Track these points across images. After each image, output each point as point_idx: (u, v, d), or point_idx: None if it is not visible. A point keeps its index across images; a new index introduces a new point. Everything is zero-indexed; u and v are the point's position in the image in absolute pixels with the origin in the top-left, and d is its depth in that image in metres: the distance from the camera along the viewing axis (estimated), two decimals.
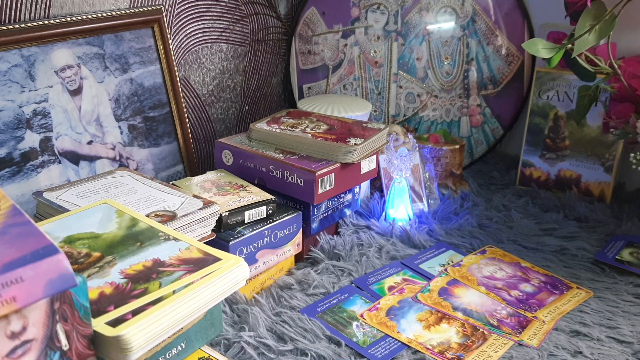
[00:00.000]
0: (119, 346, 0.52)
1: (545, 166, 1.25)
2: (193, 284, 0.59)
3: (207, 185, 0.96)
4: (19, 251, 0.44)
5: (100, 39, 1.02)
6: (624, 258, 1.00)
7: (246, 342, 0.77)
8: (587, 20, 0.97)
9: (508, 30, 1.30)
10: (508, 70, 1.32)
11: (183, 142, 1.14)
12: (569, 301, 0.90)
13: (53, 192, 0.84)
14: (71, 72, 0.98)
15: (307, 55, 1.39)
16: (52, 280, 0.44)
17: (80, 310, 0.51)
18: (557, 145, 1.23)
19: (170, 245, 0.66)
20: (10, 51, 0.91)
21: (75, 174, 0.99)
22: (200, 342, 0.65)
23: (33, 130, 0.93)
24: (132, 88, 1.07)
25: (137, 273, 0.61)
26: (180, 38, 1.17)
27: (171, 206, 0.82)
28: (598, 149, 1.20)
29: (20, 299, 0.43)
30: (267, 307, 0.85)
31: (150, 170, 1.09)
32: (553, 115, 1.23)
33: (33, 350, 0.47)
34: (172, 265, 0.63)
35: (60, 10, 0.97)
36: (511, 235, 1.09)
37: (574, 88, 1.19)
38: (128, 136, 1.06)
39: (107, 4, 1.04)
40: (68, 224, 0.70)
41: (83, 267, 0.62)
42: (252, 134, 1.05)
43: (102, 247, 0.65)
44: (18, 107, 0.92)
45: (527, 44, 1.01)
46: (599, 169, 1.20)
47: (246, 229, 0.88)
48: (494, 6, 1.30)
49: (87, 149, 1.01)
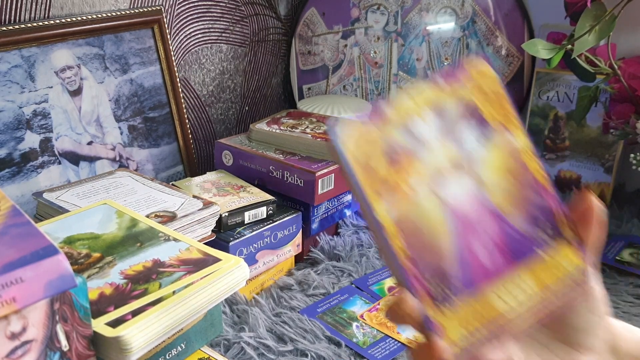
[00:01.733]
0: (119, 347, 0.52)
1: (546, 167, 1.24)
2: (193, 284, 0.59)
3: (207, 185, 0.96)
4: (19, 252, 0.44)
5: (100, 40, 1.02)
6: (624, 259, 1.00)
7: (246, 342, 0.77)
8: (587, 21, 0.97)
9: (508, 30, 1.30)
10: (508, 71, 1.32)
11: (183, 143, 1.14)
12: None
13: (53, 193, 0.84)
14: (71, 73, 0.98)
15: (307, 56, 1.39)
16: (52, 281, 0.44)
17: (80, 310, 0.51)
18: (557, 145, 1.23)
19: (170, 245, 0.66)
20: (10, 52, 0.91)
21: (75, 175, 0.99)
22: (200, 342, 0.65)
23: (33, 130, 0.93)
24: (132, 89, 1.07)
25: (137, 274, 0.61)
26: (181, 39, 1.17)
27: (171, 207, 0.82)
28: (598, 150, 1.19)
29: (20, 300, 0.43)
30: (267, 307, 0.85)
31: (150, 170, 1.09)
32: (553, 115, 1.23)
33: (33, 351, 0.47)
34: (172, 265, 0.63)
35: (60, 11, 0.97)
36: None
37: (574, 89, 1.19)
38: (128, 137, 1.06)
39: (107, 5, 1.04)
40: (68, 224, 0.70)
41: (83, 268, 0.62)
42: (252, 135, 1.05)
43: (102, 248, 0.65)
44: (18, 107, 0.92)
45: (527, 45, 1.01)
46: (599, 169, 1.20)
47: (246, 230, 0.88)
48: (494, 7, 1.30)
49: (87, 150, 1.01)
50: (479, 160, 0.42)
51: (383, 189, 0.40)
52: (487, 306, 0.41)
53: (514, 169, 0.43)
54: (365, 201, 0.40)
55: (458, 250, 0.41)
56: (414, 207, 0.40)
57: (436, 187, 0.41)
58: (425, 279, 0.40)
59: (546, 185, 0.44)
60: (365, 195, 0.39)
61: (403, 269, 0.39)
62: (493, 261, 0.41)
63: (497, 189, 0.43)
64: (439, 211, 0.41)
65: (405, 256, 0.40)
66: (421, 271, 0.40)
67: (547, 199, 0.43)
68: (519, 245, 0.42)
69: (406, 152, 0.41)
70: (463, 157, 0.42)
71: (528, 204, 0.43)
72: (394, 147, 0.40)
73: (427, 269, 0.40)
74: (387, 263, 0.41)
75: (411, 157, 0.41)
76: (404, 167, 0.40)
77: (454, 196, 0.42)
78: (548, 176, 0.44)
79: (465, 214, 0.42)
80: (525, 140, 0.44)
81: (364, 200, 0.40)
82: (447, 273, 0.40)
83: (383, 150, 0.40)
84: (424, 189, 0.41)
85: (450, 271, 0.40)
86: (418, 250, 0.40)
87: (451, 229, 0.41)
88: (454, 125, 0.42)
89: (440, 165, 0.41)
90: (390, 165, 0.40)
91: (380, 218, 0.40)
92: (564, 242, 0.43)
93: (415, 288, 0.39)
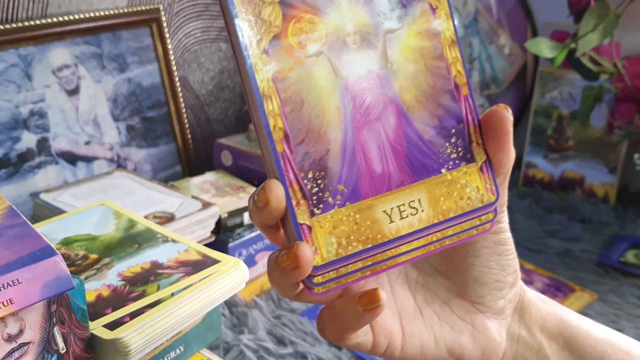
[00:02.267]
0: (116, 349, 0.52)
1: (549, 167, 1.24)
2: (192, 286, 0.59)
3: (206, 186, 0.95)
4: (16, 253, 0.44)
5: (98, 38, 1.01)
6: (628, 260, 0.99)
7: (245, 345, 0.77)
8: (590, 20, 0.96)
9: (511, 29, 1.30)
10: (511, 70, 1.31)
11: (182, 143, 1.13)
12: (573, 304, 0.90)
13: (50, 194, 0.83)
14: (68, 72, 0.98)
15: None
16: (49, 283, 0.44)
17: (78, 312, 0.50)
18: (560, 145, 1.23)
19: (168, 247, 0.66)
20: (7, 51, 0.90)
21: (73, 175, 0.98)
22: (199, 345, 0.64)
23: (30, 130, 0.93)
24: (130, 88, 1.06)
25: (135, 275, 0.61)
26: (179, 37, 1.17)
27: (169, 207, 0.81)
28: (602, 150, 1.19)
29: (17, 302, 0.43)
30: (267, 309, 0.85)
31: (148, 171, 1.08)
32: (556, 115, 1.22)
33: (30, 353, 0.46)
34: (171, 267, 0.62)
35: (58, 9, 0.97)
36: (514, 237, 1.07)
37: (578, 88, 1.18)
38: (126, 136, 1.05)
39: (104, 3, 1.03)
40: (65, 225, 0.70)
41: (80, 270, 0.61)
42: (251, 135, 1.05)
43: (99, 249, 0.65)
44: (15, 107, 0.91)
45: (531, 44, 1.01)
46: (603, 169, 1.19)
47: (246, 231, 0.88)
48: (497, 5, 1.29)
49: (84, 150, 1.00)
50: (389, 35, 0.35)
51: (266, 38, 0.32)
52: (369, 219, 0.34)
53: (429, 57, 0.36)
54: (243, 48, 0.32)
55: (347, 144, 0.33)
56: (302, 72, 0.33)
57: (334, 56, 0.33)
58: (302, 169, 0.32)
59: (463, 86, 0.36)
60: (243, 42, 0.32)
61: (275, 151, 0.32)
62: (387, 169, 0.34)
63: (406, 80, 0.35)
64: (331, 85, 0.33)
65: (281, 133, 0.32)
66: (298, 159, 0.32)
67: (462, 105, 0.36)
68: (422, 157, 0.35)
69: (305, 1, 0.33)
70: (372, 26, 0.34)
71: (439, 108, 0.36)
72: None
73: (306, 159, 0.33)
74: (260, 143, 0.33)
75: (309, 7, 0.33)
76: (298, 17, 0.33)
77: (354, 74, 0.34)
78: (467, 75, 0.37)
79: (363, 100, 0.34)
80: (450, 25, 0.36)
81: (241, 47, 0.32)
82: (330, 169, 0.33)
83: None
84: (317, 51, 0.33)
85: (333, 168, 0.33)
86: (298, 129, 0.32)
87: (343, 113, 0.33)
88: None
89: (344, 30, 0.34)
90: (281, 9, 0.32)
91: (257, 74, 0.32)
92: (475, 168, 0.36)
93: (287, 178, 0.32)
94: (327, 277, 0.34)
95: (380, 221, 0.34)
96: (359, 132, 0.34)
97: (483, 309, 0.41)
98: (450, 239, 0.36)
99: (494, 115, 0.36)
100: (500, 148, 0.36)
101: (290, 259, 0.32)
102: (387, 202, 0.34)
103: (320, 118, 0.33)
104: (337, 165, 0.33)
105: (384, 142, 0.34)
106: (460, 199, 0.36)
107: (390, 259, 0.35)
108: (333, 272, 0.34)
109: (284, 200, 0.32)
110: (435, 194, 0.35)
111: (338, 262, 0.33)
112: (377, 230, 0.34)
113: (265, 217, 0.32)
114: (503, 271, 0.40)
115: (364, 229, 0.33)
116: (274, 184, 0.32)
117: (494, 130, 0.36)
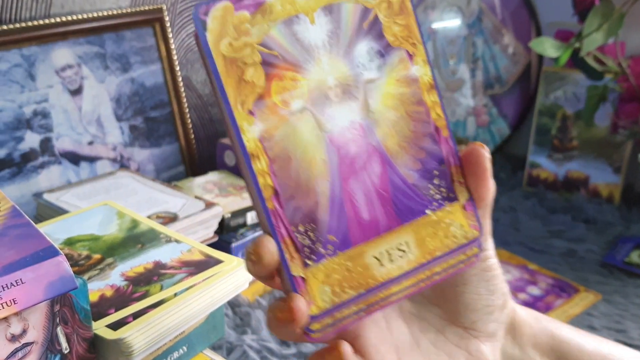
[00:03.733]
0: (120, 349, 0.52)
1: (553, 167, 1.24)
2: (195, 286, 0.59)
3: (209, 186, 0.95)
4: (19, 253, 0.44)
5: (101, 38, 1.01)
6: (633, 260, 0.99)
7: (249, 345, 0.77)
8: (595, 19, 0.96)
9: (515, 29, 1.29)
10: (515, 70, 1.31)
11: (185, 143, 1.13)
12: (577, 304, 0.89)
13: (53, 194, 0.83)
14: (72, 72, 0.97)
15: None
16: (52, 283, 0.44)
17: (81, 313, 0.50)
18: (564, 145, 1.22)
19: (171, 247, 0.66)
20: (10, 51, 0.90)
21: (76, 175, 0.98)
22: (202, 345, 0.64)
23: (33, 130, 0.93)
24: (133, 88, 1.06)
25: (138, 275, 0.60)
26: (182, 37, 1.17)
27: (172, 208, 0.81)
28: (606, 150, 1.18)
29: (21, 302, 0.43)
30: None
31: (151, 171, 1.08)
32: (561, 115, 1.22)
33: (33, 353, 0.46)
34: (174, 267, 0.62)
35: (61, 9, 0.97)
36: (518, 238, 1.08)
37: (582, 88, 1.18)
38: (129, 136, 1.05)
39: (108, 3, 1.03)
40: (68, 225, 0.70)
41: (83, 269, 0.61)
42: None
43: (102, 249, 0.65)
44: (18, 107, 0.91)
45: (535, 43, 1.00)
46: (607, 169, 1.19)
47: (249, 231, 0.87)
48: (501, 5, 1.29)
49: (87, 150, 1.00)
50: (369, 85, 0.35)
51: (250, 99, 0.33)
52: (360, 266, 0.35)
53: (408, 103, 0.37)
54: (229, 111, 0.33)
55: (335, 195, 0.34)
56: (287, 129, 0.33)
57: (317, 111, 0.34)
58: (292, 223, 0.34)
59: (443, 129, 0.38)
60: (229, 104, 0.33)
61: (266, 208, 0.33)
62: (374, 215, 0.35)
63: (388, 127, 0.36)
64: (316, 140, 0.34)
65: (271, 190, 0.33)
66: (288, 214, 0.33)
67: (443, 147, 0.38)
68: (407, 201, 0.36)
69: (285, 57, 0.34)
70: (352, 78, 0.35)
71: (421, 151, 0.37)
72: (270, 46, 0.33)
73: (297, 213, 0.34)
74: (252, 199, 0.34)
75: (290, 64, 0.34)
76: (280, 75, 0.33)
77: (337, 126, 0.35)
78: (446, 118, 0.38)
79: (347, 151, 0.35)
80: (427, 70, 0.37)
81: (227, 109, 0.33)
82: (319, 221, 0.34)
83: (256, 49, 0.33)
84: (301, 108, 0.34)
85: (323, 219, 0.34)
86: (287, 185, 0.33)
87: (330, 166, 0.34)
88: (348, 35, 0.35)
89: (325, 84, 0.34)
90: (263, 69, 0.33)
91: (243, 135, 0.33)
92: (458, 206, 0.38)
93: (279, 233, 0.33)
94: (324, 323, 0.35)
95: (371, 266, 0.35)
96: (346, 182, 0.35)
97: (476, 334, 0.42)
98: (439, 275, 0.37)
99: (472, 154, 0.38)
100: (480, 184, 0.39)
101: (286, 312, 0.33)
102: (377, 247, 0.35)
103: (307, 172, 0.34)
104: (326, 217, 0.34)
105: (370, 189, 0.35)
106: (445, 237, 0.37)
107: (383, 300, 0.36)
108: (329, 318, 0.35)
109: (277, 255, 0.33)
110: (421, 235, 0.36)
111: (333, 309, 0.35)
112: (368, 275, 0.35)
113: (259, 271, 0.34)
114: (492, 295, 0.41)
115: (355, 275, 0.35)
116: (267, 240, 0.33)
117: (473, 168, 0.38)
